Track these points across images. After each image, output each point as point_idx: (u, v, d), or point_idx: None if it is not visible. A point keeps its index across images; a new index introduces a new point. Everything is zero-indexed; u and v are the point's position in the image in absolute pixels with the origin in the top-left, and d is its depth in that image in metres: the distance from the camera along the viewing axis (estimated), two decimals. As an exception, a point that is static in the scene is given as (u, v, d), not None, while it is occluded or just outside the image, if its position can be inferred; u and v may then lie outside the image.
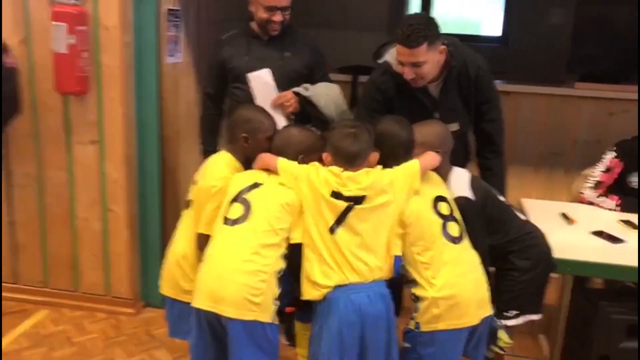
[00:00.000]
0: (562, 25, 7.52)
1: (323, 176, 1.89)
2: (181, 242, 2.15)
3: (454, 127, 2.36)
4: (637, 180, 2.86)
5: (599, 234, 2.53)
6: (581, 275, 2.52)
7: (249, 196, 1.94)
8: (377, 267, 1.88)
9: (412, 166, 1.96)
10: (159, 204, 3.16)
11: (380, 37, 2.62)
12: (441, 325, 1.92)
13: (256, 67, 2.59)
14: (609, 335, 2.40)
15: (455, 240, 1.94)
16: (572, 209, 2.85)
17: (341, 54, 3.91)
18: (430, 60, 2.21)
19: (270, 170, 2.03)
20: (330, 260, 1.86)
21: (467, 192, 2.08)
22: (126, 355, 2.83)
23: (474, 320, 1.95)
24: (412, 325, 1.98)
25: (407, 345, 1.99)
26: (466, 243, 1.97)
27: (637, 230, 2.57)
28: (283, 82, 2.59)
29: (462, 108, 2.38)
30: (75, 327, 3.05)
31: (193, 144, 3.55)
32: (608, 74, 4.12)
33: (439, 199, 1.97)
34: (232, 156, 2.16)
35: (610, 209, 2.84)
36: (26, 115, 2.95)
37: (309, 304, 1.95)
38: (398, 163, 1.96)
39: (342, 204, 1.86)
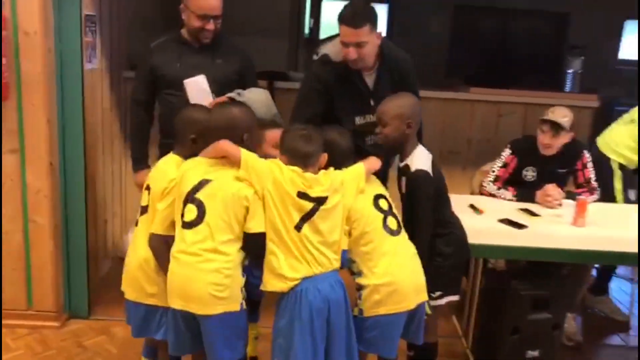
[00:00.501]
0: (441, 32, 8.20)
1: (288, 176, 2.01)
2: (142, 246, 2.17)
3: None
4: (529, 174, 3.26)
5: (505, 221, 2.88)
6: (493, 258, 2.85)
7: (200, 195, 2.01)
8: (335, 259, 2.05)
9: (358, 168, 2.15)
10: (84, 213, 3.10)
11: (283, 44, 2.79)
12: (382, 310, 2.11)
13: (189, 74, 2.66)
14: (519, 308, 2.73)
15: (394, 232, 2.15)
16: (477, 200, 3.19)
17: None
18: (370, 42, 2.45)
19: (219, 160, 2.07)
20: (298, 254, 1.99)
21: (428, 167, 2.31)
22: (60, 369, 2.77)
23: (412, 305, 2.16)
24: (356, 312, 2.15)
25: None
26: (403, 235, 2.19)
27: (535, 217, 2.95)
28: (216, 88, 2.68)
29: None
30: (-3, 346, 2.91)
31: (110, 152, 3.54)
32: (490, 79, 4.60)
33: (379, 196, 2.17)
34: (180, 158, 2.21)
35: (508, 200, 3.21)
36: None
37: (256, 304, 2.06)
38: (339, 168, 2.14)
39: (308, 205, 2.00)
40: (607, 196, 3.36)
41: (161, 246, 2.10)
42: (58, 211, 3.02)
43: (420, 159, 2.37)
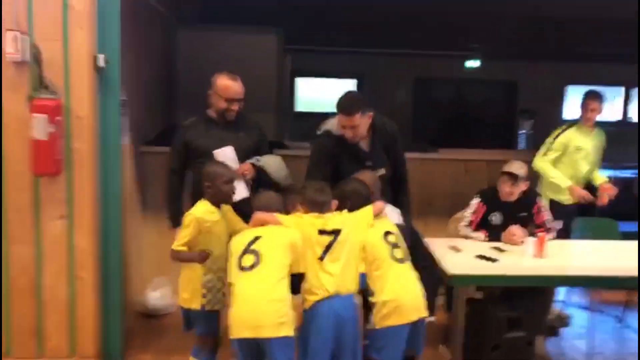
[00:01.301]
0: (404, 102, 9.06)
1: (308, 220, 2.60)
2: None
3: (382, 171, 3.22)
4: (495, 218, 3.88)
5: (480, 257, 3.48)
6: (474, 284, 3.41)
7: (255, 247, 2.58)
8: (351, 284, 2.60)
9: (367, 210, 2.75)
10: (120, 270, 3.59)
11: (271, 117, 3.41)
12: (389, 322, 2.66)
13: (217, 146, 3.25)
14: (497, 328, 3.29)
15: (400, 261, 2.73)
16: (455, 242, 3.79)
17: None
18: (362, 124, 3.13)
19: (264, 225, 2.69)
20: (319, 279, 2.56)
21: (400, 220, 2.90)
22: (108, 404, 3.16)
23: (413, 318, 2.70)
24: (370, 326, 2.69)
25: (366, 342, 2.70)
26: (408, 264, 2.76)
27: (504, 252, 3.57)
28: (240, 156, 3.27)
29: (385, 158, 3.25)
30: (46, 390, 3.30)
31: (130, 216, 4.06)
32: (451, 141, 5.31)
33: (388, 232, 2.76)
34: (207, 202, 2.86)
35: (481, 240, 3.82)
36: (-6, 196, 3.29)
37: None
38: (358, 209, 2.73)
39: (328, 238, 2.57)
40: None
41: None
42: (99, 267, 3.48)
43: (392, 215, 3.00)
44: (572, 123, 4.54)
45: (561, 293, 4.53)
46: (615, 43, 7.95)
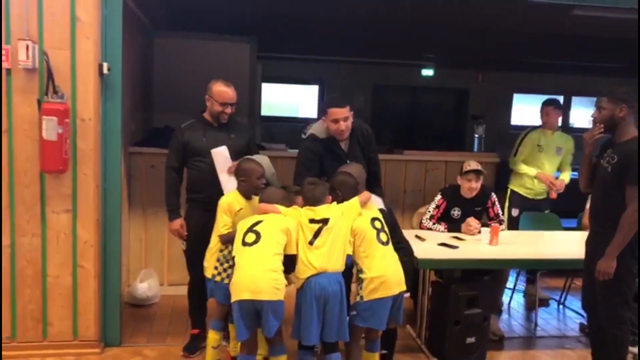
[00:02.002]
0: (363, 108, 9.53)
1: (303, 212, 3.03)
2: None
3: None
4: (455, 212, 4.39)
5: (442, 244, 3.97)
6: (436, 268, 3.90)
7: (257, 228, 3.01)
8: (334, 263, 3.03)
9: (354, 201, 3.18)
10: (119, 260, 3.90)
11: (245, 121, 3.81)
12: (376, 295, 3.08)
13: (213, 146, 3.61)
14: (458, 306, 3.77)
15: (384, 243, 3.17)
16: (419, 233, 4.28)
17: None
18: (350, 117, 3.55)
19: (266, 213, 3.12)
20: (306, 261, 3.00)
21: (382, 206, 3.36)
22: (112, 380, 3.49)
23: (395, 292, 3.14)
24: (357, 298, 3.12)
25: (353, 313, 3.12)
26: (390, 246, 3.20)
27: (462, 241, 4.07)
28: (232, 155, 3.64)
29: (362, 157, 3.68)
30: (53, 369, 3.59)
31: (123, 209, 4.35)
32: (408, 144, 5.82)
33: (374, 219, 3.20)
34: (237, 192, 3.30)
35: (441, 231, 4.32)
36: (3, 190, 3.56)
37: None
38: (348, 199, 3.16)
39: (316, 226, 3.00)
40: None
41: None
42: (100, 257, 3.79)
43: (377, 201, 3.43)
44: (535, 127, 5.21)
45: (511, 280, 5.09)
46: (557, 55, 8.68)
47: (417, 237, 4.13)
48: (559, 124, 5.23)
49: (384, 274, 3.08)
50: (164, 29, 6.50)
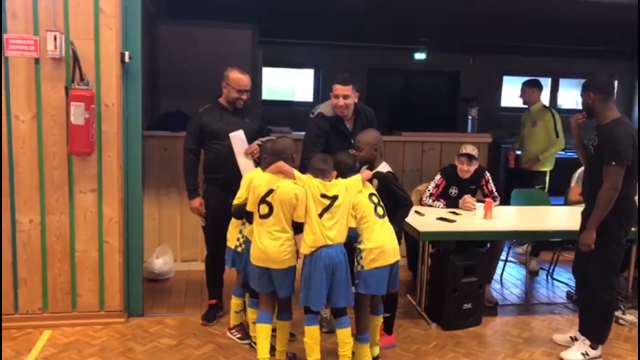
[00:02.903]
0: (359, 91, 9.79)
1: (315, 184, 3.31)
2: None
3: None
4: (453, 191, 4.70)
5: (441, 219, 4.29)
6: (435, 240, 4.21)
7: (269, 199, 3.30)
8: (340, 237, 3.33)
9: (357, 178, 3.46)
10: (141, 236, 4.19)
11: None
12: (375, 264, 3.36)
13: (230, 130, 3.87)
14: (456, 275, 4.10)
15: (381, 216, 3.45)
16: (419, 209, 4.59)
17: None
18: (352, 96, 3.85)
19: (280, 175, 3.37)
20: (318, 232, 3.27)
21: (389, 169, 3.66)
22: (141, 345, 3.78)
23: (392, 261, 3.42)
24: (358, 268, 3.41)
25: (357, 281, 3.42)
26: (386, 219, 3.49)
27: (459, 216, 4.39)
28: (247, 138, 3.91)
29: None
30: (84, 336, 3.88)
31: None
32: (402, 126, 6.13)
33: (372, 194, 3.48)
34: (259, 169, 3.58)
35: (440, 208, 4.63)
36: (34, 172, 3.82)
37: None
38: (345, 177, 3.45)
39: (327, 201, 3.29)
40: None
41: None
42: (124, 234, 4.07)
43: (385, 167, 3.72)
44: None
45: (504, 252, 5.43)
46: (544, 38, 8.97)
47: (417, 212, 4.45)
48: (538, 100, 5.83)
49: (382, 244, 3.37)
50: (168, 18, 6.72)
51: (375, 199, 3.48)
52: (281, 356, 3.50)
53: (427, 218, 4.33)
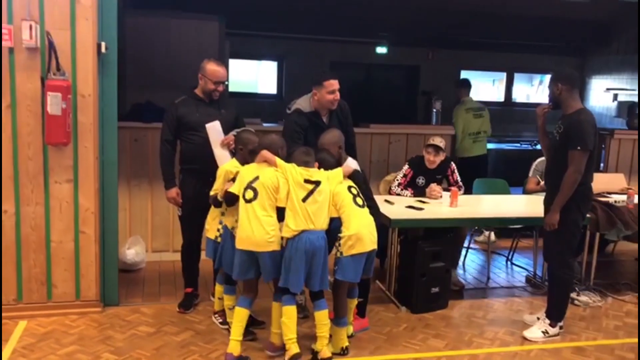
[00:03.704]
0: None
1: (298, 171, 3.44)
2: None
3: None
4: (420, 181, 4.89)
5: (409, 207, 4.47)
6: (405, 227, 4.39)
7: (254, 185, 3.41)
8: (323, 223, 3.46)
9: (338, 171, 3.61)
10: (116, 224, 4.22)
11: None
12: (353, 251, 3.51)
13: (206, 121, 3.93)
14: (424, 260, 4.29)
15: (360, 206, 3.61)
16: (388, 197, 4.77)
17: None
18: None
19: (262, 163, 3.50)
20: (301, 216, 3.39)
21: (358, 168, 3.80)
22: (120, 333, 3.83)
23: (369, 248, 3.58)
24: (338, 254, 3.56)
25: (335, 268, 3.57)
26: (366, 209, 3.65)
27: (426, 204, 4.58)
28: (223, 129, 3.99)
29: (340, 129, 4.09)
30: (61, 326, 3.89)
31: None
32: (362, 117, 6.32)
33: (350, 187, 3.63)
34: (235, 160, 3.70)
35: (408, 196, 4.82)
36: (8, 162, 3.81)
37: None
38: (330, 169, 3.59)
39: (310, 186, 3.42)
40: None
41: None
42: (99, 224, 4.09)
43: (352, 164, 3.87)
44: None
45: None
46: (501, 34, 9.31)
47: (387, 201, 4.62)
48: (461, 99, 6.56)
49: (359, 232, 3.52)
50: (133, 8, 6.68)
51: (354, 190, 3.63)
52: (291, 345, 3.45)
53: (397, 207, 4.51)
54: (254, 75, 10.63)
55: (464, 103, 6.51)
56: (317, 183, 3.45)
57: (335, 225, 3.54)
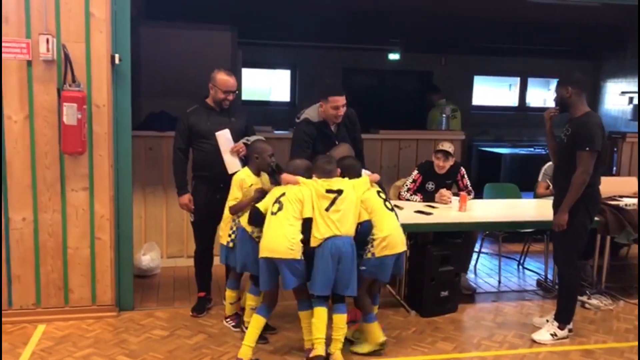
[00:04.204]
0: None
1: (320, 183, 3.55)
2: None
3: None
4: (430, 186, 4.94)
5: (418, 212, 4.52)
6: (414, 231, 4.44)
7: (281, 199, 3.52)
8: (348, 229, 3.53)
9: (365, 179, 3.73)
10: (131, 232, 4.33)
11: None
12: (386, 252, 3.60)
13: (217, 129, 4.04)
14: (433, 264, 4.34)
15: (390, 210, 3.69)
16: (398, 203, 4.82)
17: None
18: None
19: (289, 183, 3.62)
20: (326, 224, 3.48)
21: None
22: (135, 336, 3.93)
23: (400, 250, 3.67)
24: (369, 255, 3.62)
25: (363, 268, 3.62)
26: (394, 213, 3.73)
27: (436, 209, 4.63)
28: (233, 137, 4.08)
29: (348, 137, 4.18)
30: (78, 330, 4.00)
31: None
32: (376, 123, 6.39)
33: (379, 191, 3.74)
34: (248, 169, 3.80)
35: (418, 202, 4.87)
36: (26, 171, 3.94)
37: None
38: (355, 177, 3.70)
39: (332, 195, 3.51)
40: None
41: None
42: (114, 230, 4.20)
43: (366, 174, 3.94)
44: None
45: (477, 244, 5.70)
46: (514, 39, 9.31)
47: (396, 206, 4.65)
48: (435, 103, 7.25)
49: (392, 233, 3.62)
50: (148, 19, 6.83)
51: (383, 195, 3.76)
52: (318, 345, 3.52)
53: (406, 211, 4.56)
54: (267, 84, 10.75)
55: (437, 107, 7.08)
56: (339, 192, 3.55)
57: (363, 229, 3.63)
